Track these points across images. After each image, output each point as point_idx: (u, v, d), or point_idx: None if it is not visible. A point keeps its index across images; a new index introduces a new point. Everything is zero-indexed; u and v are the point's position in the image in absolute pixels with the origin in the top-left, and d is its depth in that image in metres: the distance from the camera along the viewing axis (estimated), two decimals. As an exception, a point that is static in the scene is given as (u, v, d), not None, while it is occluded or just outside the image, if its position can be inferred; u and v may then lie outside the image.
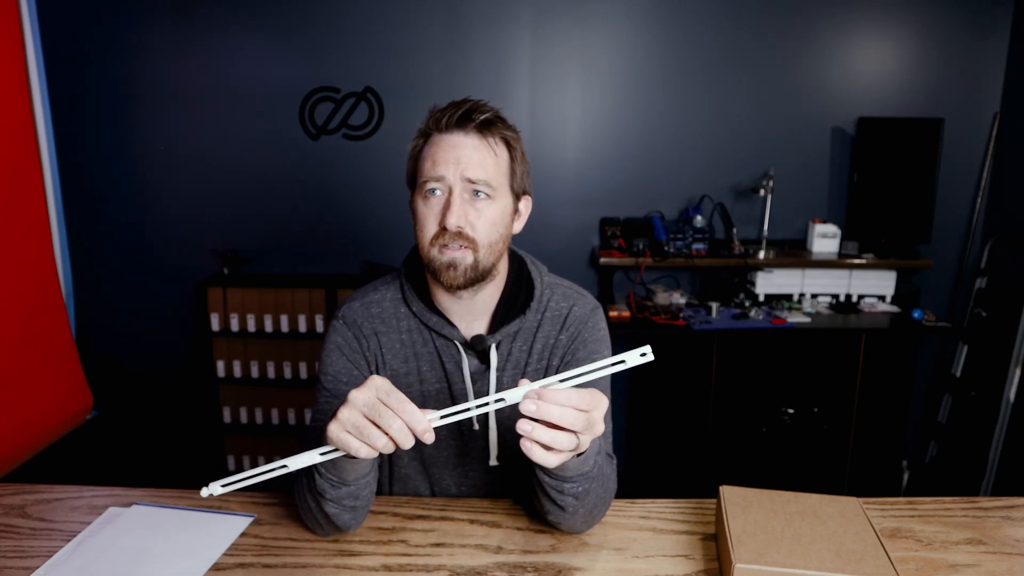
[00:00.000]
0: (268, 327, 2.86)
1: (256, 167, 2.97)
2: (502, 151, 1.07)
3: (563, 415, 0.79)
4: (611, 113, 3.00)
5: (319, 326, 2.86)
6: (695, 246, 2.87)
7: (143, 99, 2.90)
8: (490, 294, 1.14)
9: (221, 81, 2.89)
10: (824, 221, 2.97)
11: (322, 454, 0.87)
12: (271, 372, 2.91)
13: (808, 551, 0.95)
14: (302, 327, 2.87)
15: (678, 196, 3.05)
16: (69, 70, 2.82)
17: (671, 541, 1.09)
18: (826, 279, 2.95)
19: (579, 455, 0.92)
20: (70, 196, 2.59)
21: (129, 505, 1.18)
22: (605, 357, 1.01)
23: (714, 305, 2.82)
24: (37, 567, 1.01)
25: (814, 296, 2.98)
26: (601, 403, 0.83)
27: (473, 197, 1.04)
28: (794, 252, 2.97)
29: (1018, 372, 2.63)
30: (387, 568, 1.02)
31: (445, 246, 1.04)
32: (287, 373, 2.91)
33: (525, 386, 0.81)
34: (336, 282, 2.89)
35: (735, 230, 2.97)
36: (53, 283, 2.27)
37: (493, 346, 1.12)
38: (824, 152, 3.03)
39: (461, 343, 1.12)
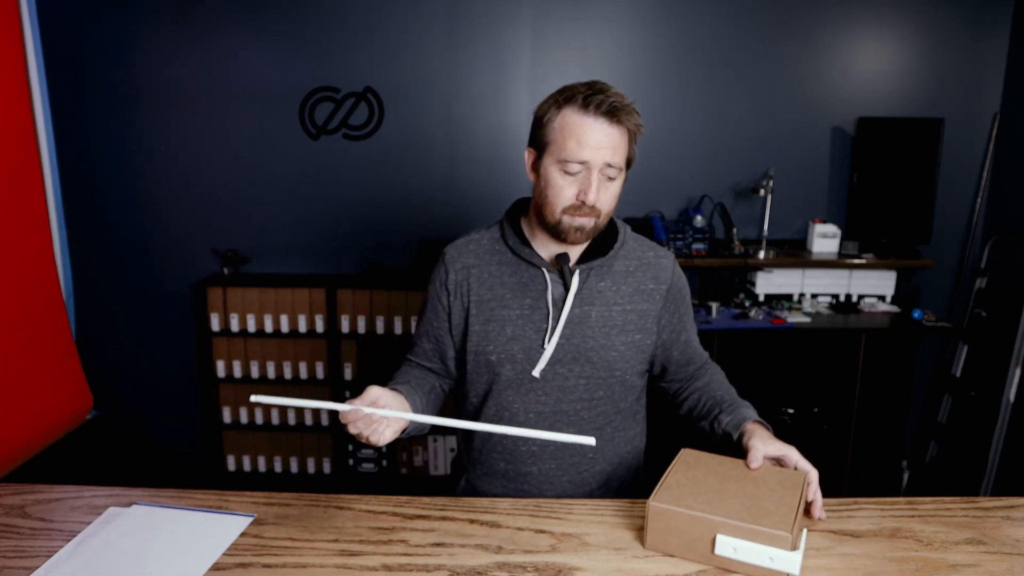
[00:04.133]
0: (268, 327, 2.86)
1: (256, 167, 2.97)
2: (628, 137, 1.24)
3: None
4: (611, 113, 2.99)
5: (319, 326, 2.86)
6: (695, 246, 2.87)
7: (143, 99, 2.90)
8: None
9: (221, 81, 2.89)
10: (824, 221, 2.97)
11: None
12: (271, 372, 2.91)
13: (724, 503, 1.01)
14: (302, 327, 2.87)
15: (678, 196, 3.05)
16: (69, 70, 2.82)
17: (671, 541, 1.09)
18: (826, 279, 2.94)
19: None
20: (70, 196, 2.59)
21: (129, 505, 1.18)
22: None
23: (714, 305, 2.82)
24: (37, 567, 1.01)
25: (814, 296, 2.98)
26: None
27: (606, 178, 1.22)
28: (794, 252, 2.97)
29: (1018, 372, 2.63)
30: (387, 568, 1.02)
31: (577, 214, 1.22)
32: (287, 373, 2.91)
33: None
34: (336, 282, 2.88)
35: (735, 230, 2.97)
36: (53, 283, 2.27)
37: (576, 271, 1.28)
38: (824, 152, 3.03)
39: (547, 269, 1.29)
